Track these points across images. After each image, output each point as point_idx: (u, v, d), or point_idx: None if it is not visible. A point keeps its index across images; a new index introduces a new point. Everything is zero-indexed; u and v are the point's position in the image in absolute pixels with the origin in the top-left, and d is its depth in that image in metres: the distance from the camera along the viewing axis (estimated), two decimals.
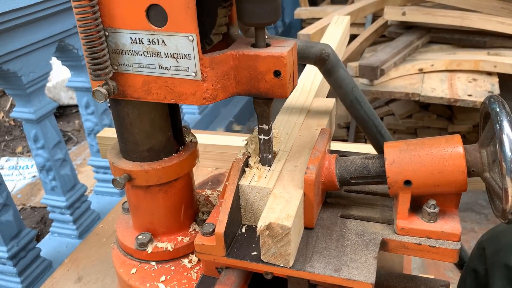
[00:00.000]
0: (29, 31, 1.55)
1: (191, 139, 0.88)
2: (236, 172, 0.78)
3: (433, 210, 0.74)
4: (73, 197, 1.89)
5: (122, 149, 0.83)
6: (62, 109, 4.16)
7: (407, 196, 0.74)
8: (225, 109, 3.59)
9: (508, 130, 0.65)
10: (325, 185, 0.82)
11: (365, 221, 0.81)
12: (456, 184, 0.72)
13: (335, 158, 0.82)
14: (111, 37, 0.70)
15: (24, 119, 1.67)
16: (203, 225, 0.76)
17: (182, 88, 0.70)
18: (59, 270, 1.04)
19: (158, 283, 0.82)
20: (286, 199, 0.75)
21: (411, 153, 0.73)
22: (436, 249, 0.74)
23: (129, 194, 0.86)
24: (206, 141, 1.37)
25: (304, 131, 0.96)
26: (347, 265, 0.72)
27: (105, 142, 1.42)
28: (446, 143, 0.73)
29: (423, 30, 2.90)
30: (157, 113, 0.78)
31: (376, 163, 0.78)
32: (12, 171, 3.25)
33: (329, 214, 0.84)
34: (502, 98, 0.70)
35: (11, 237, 1.58)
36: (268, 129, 0.78)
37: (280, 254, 0.71)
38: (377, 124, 1.02)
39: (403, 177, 0.73)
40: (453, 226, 0.74)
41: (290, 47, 0.69)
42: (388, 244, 0.77)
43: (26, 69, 1.57)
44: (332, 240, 0.77)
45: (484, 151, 0.71)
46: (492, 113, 0.68)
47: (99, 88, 0.70)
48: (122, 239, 0.88)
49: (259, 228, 0.69)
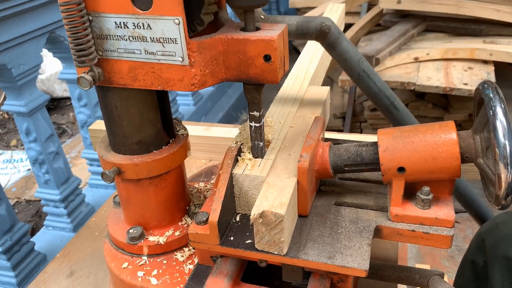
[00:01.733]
0: (19, 22, 1.53)
1: (182, 131, 0.87)
2: (230, 161, 0.77)
3: (427, 197, 0.74)
4: (67, 190, 1.87)
5: (111, 142, 0.81)
6: (56, 102, 4.13)
7: (401, 183, 0.74)
8: (220, 101, 3.57)
9: (501, 116, 0.64)
10: (319, 173, 0.81)
11: (359, 209, 0.81)
12: (450, 171, 0.72)
13: (329, 146, 0.81)
14: (95, 22, 0.68)
15: (15, 112, 1.65)
16: (197, 213, 0.75)
17: (169, 74, 0.68)
18: (51, 265, 1.03)
19: (150, 277, 0.81)
20: (280, 187, 0.75)
21: (405, 140, 0.73)
22: (430, 236, 0.74)
23: (119, 187, 0.85)
24: (199, 133, 1.36)
25: (298, 120, 0.96)
26: (341, 252, 0.72)
27: (97, 135, 1.40)
28: (439, 129, 0.72)
29: (419, 19, 2.88)
30: (145, 105, 0.76)
31: (370, 150, 0.77)
32: (6, 165, 3.23)
33: (323, 202, 0.84)
34: (495, 84, 0.69)
35: (4, 232, 1.57)
36: (259, 116, 0.76)
37: (274, 242, 0.71)
38: (389, 95, 0.98)
39: (396, 164, 0.73)
40: (447, 212, 0.74)
41: (280, 30, 0.68)
42: (382, 231, 0.77)
43: (16, 61, 1.55)
44: (326, 227, 0.77)
45: (478, 137, 0.71)
46: (485, 99, 0.67)
47: (83, 75, 0.68)
48: (113, 233, 0.87)
49: (253, 216, 0.69)
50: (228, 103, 3.56)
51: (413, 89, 2.50)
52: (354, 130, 3.35)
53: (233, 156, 0.78)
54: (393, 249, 1.07)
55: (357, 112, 3.36)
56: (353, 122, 3.34)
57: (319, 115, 0.97)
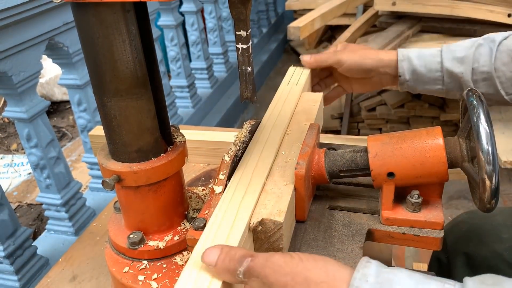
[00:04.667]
0: (18, 31, 1.55)
1: (179, 138, 0.89)
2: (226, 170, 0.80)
3: (417, 200, 0.77)
4: (68, 195, 1.90)
5: (111, 151, 0.84)
6: (56, 105, 4.15)
7: (391, 187, 0.77)
8: (219, 102, 3.59)
9: (484, 123, 0.67)
10: (315, 179, 0.84)
11: (352, 212, 0.84)
12: (438, 175, 0.74)
13: (324, 153, 0.84)
14: None
15: (16, 118, 1.67)
16: (195, 219, 0.78)
17: None
18: (54, 269, 1.05)
19: (150, 281, 0.83)
20: (277, 195, 0.77)
21: (393, 146, 0.76)
22: (420, 238, 0.77)
23: (119, 194, 0.87)
24: (198, 137, 1.38)
25: (293, 126, 0.98)
26: (334, 255, 0.74)
27: (97, 140, 1.42)
28: (426, 135, 0.75)
29: (414, 20, 2.90)
30: (144, 114, 0.79)
31: (364, 156, 0.80)
32: (7, 169, 3.25)
33: (317, 206, 0.87)
34: (479, 92, 0.72)
35: (7, 236, 1.59)
36: (247, 36, 0.72)
37: (273, 248, 0.73)
38: None
39: (386, 169, 0.75)
40: (436, 215, 0.77)
41: None
42: (374, 234, 0.80)
43: (17, 68, 1.57)
44: (320, 231, 0.80)
45: (463, 141, 0.74)
46: (469, 107, 0.71)
47: None
48: (114, 238, 0.90)
49: (252, 224, 0.71)
50: (226, 104, 3.58)
51: None
52: (351, 131, 3.38)
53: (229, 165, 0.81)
54: (387, 251, 1.09)
55: (355, 112, 3.38)
56: (351, 122, 3.37)
57: (314, 121, 0.99)
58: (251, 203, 0.76)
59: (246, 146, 0.92)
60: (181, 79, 3.10)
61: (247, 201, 0.77)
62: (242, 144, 0.89)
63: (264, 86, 4.44)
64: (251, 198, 0.78)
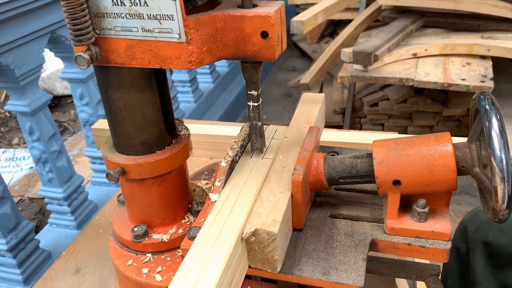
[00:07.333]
0: (21, 24, 1.55)
1: (184, 131, 0.89)
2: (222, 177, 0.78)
3: (423, 210, 0.74)
4: (70, 188, 1.90)
5: (115, 143, 0.83)
6: (57, 100, 4.15)
7: (396, 196, 0.73)
8: (221, 97, 3.58)
9: (497, 128, 0.64)
10: (314, 185, 0.80)
11: (354, 221, 0.80)
12: (446, 183, 0.71)
13: (324, 158, 0.81)
14: (92, 0, 0.68)
15: (18, 112, 1.67)
16: (189, 229, 0.75)
17: (167, 51, 0.69)
18: (57, 262, 1.06)
19: (154, 274, 0.83)
20: (273, 203, 0.74)
21: (400, 152, 0.72)
22: (426, 249, 0.74)
23: (123, 187, 0.87)
24: (200, 131, 1.38)
25: (293, 129, 0.94)
26: (336, 267, 0.71)
27: (100, 134, 1.42)
28: (435, 141, 0.71)
29: (417, 14, 2.89)
30: (148, 107, 0.79)
31: (365, 163, 0.76)
32: (9, 163, 3.25)
33: (318, 214, 0.83)
34: (492, 95, 0.69)
35: (10, 230, 1.59)
36: (257, 95, 0.76)
37: (268, 260, 0.70)
38: None
39: (391, 177, 0.72)
40: (443, 225, 0.73)
41: (277, 7, 0.68)
42: (378, 244, 0.77)
43: (19, 62, 1.57)
44: (320, 241, 0.76)
45: (474, 146, 0.70)
46: (481, 111, 0.67)
47: (81, 54, 0.68)
48: (118, 231, 0.89)
49: (245, 235, 0.68)
50: (228, 99, 3.57)
51: (411, 85, 2.52)
52: (353, 126, 3.37)
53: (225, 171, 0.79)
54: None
55: (357, 107, 3.37)
56: (353, 117, 3.36)
57: (314, 123, 0.95)
58: (244, 212, 0.73)
59: (243, 151, 0.89)
60: (183, 74, 3.09)
61: (240, 210, 0.74)
62: (240, 149, 0.87)
63: (266, 81, 4.44)
64: (245, 206, 0.74)
